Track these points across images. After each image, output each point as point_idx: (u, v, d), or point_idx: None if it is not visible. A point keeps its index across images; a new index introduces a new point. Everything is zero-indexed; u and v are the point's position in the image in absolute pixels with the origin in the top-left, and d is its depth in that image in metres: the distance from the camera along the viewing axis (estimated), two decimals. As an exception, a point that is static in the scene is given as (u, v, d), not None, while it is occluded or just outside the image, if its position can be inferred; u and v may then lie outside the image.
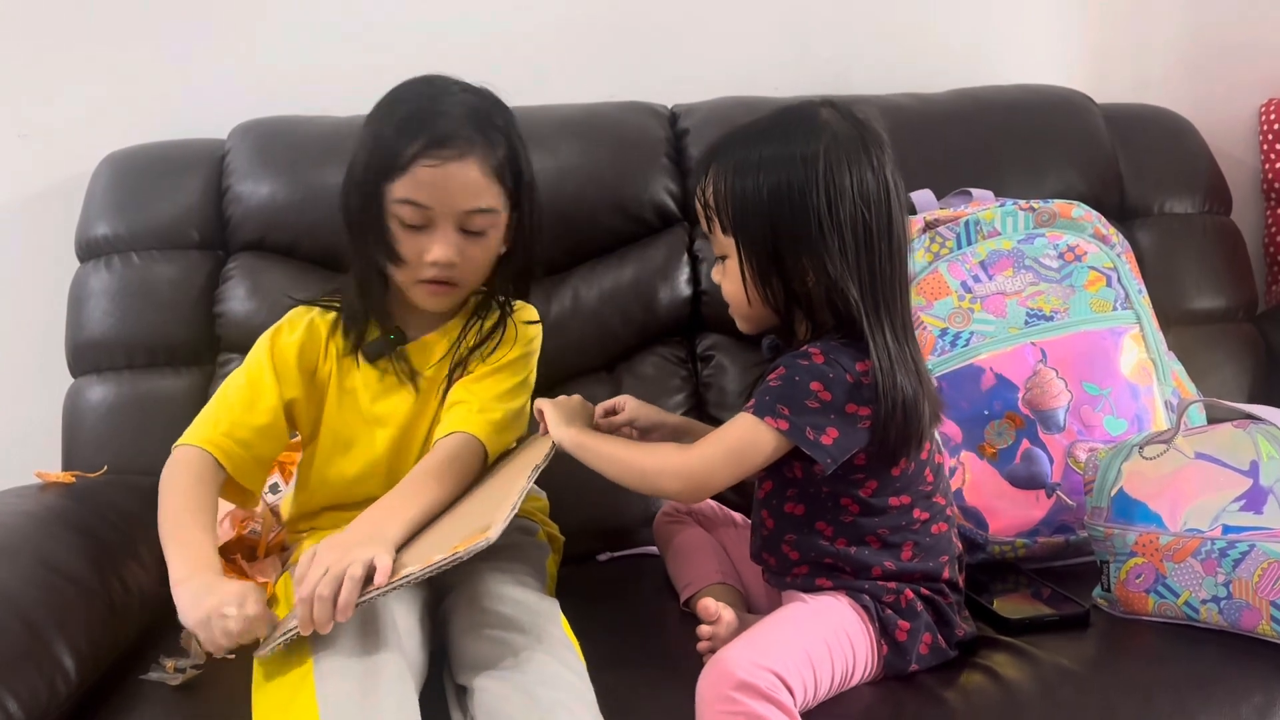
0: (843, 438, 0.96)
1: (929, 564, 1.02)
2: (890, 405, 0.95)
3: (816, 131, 0.98)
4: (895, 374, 0.96)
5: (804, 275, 0.98)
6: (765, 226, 0.98)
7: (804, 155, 0.97)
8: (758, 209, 0.98)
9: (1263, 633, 1.00)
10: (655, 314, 1.50)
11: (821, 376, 0.96)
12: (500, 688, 0.90)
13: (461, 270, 1.10)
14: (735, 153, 1.00)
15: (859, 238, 0.97)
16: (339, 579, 0.87)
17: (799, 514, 1.03)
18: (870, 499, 1.00)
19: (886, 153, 0.99)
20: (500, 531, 0.88)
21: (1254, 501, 1.01)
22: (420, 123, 1.07)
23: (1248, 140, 1.82)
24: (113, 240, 1.46)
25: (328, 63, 1.63)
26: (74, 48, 1.59)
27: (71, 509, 1.18)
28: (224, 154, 1.50)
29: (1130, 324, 1.30)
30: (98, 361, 1.43)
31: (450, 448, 1.07)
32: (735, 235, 1.00)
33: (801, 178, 0.96)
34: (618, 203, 1.51)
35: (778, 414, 0.96)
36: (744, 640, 0.94)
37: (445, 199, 1.07)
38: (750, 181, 0.98)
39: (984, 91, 1.63)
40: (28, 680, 0.91)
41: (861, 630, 0.98)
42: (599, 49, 1.69)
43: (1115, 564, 1.08)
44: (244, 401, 1.12)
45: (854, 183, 0.96)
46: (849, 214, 0.96)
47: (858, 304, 0.96)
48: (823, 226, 0.96)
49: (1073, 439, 1.24)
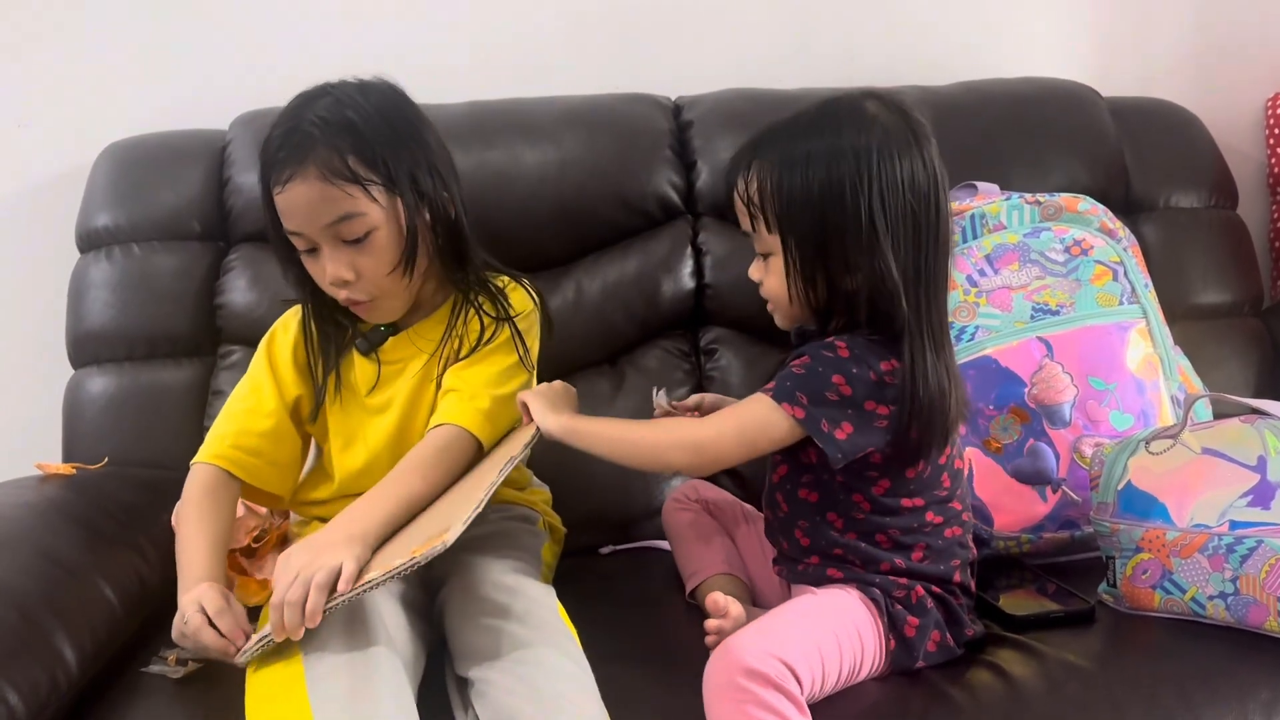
0: (857, 434, 0.95)
1: (940, 566, 1.02)
2: (913, 408, 0.94)
3: (866, 124, 0.95)
4: (924, 377, 0.94)
5: (854, 273, 0.96)
6: (815, 223, 0.95)
7: (855, 148, 0.94)
8: (807, 205, 0.95)
9: (1270, 628, 0.99)
10: (658, 307, 1.49)
11: (844, 371, 0.95)
12: (502, 679, 0.90)
13: (365, 283, 1.06)
14: (780, 147, 0.97)
15: (909, 234, 0.95)
16: (307, 584, 0.87)
17: (812, 501, 1.03)
18: (882, 498, 1.00)
19: (933, 143, 0.97)
20: (458, 535, 0.86)
21: (1262, 497, 1.01)
22: (264, 151, 1.05)
23: (1254, 134, 1.81)
24: (113, 231, 1.45)
25: (329, 53, 1.62)
26: (74, 38, 1.58)
27: (72, 501, 1.17)
28: (225, 145, 1.49)
29: (1136, 318, 1.29)
30: (98, 353, 1.43)
31: (437, 440, 1.06)
32: (782, 232, 0.97)
33: (854, 172, 0.93)
34: (620, 195, 1.50)
35: (796, 401, 0.95)
36: (754, 628, 0.93)
37: (306, 222, 1.04)
38: (799, 176, 0.95)
39: (989, 84, 1.62)
40: (28, 672, 0.91)
41: (871, 625, 0.97)
42: (602, 40, 1.68)
43: (1121, 559, 1.08)
44: (247, 409, 1.13)
45: (905, 176, 0.94)
46: (901, 209, 0.94)
47: (903, 304, 0.94)
48: (875, 223, 0.93)
49: (1078, 434, 1.23)
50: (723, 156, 1.51)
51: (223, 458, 1.09)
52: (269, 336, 1.17)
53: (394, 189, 1.05)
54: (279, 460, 1.13)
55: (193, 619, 0.95)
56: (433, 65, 1.62)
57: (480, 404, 1.08)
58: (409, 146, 1.07)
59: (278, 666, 0.90)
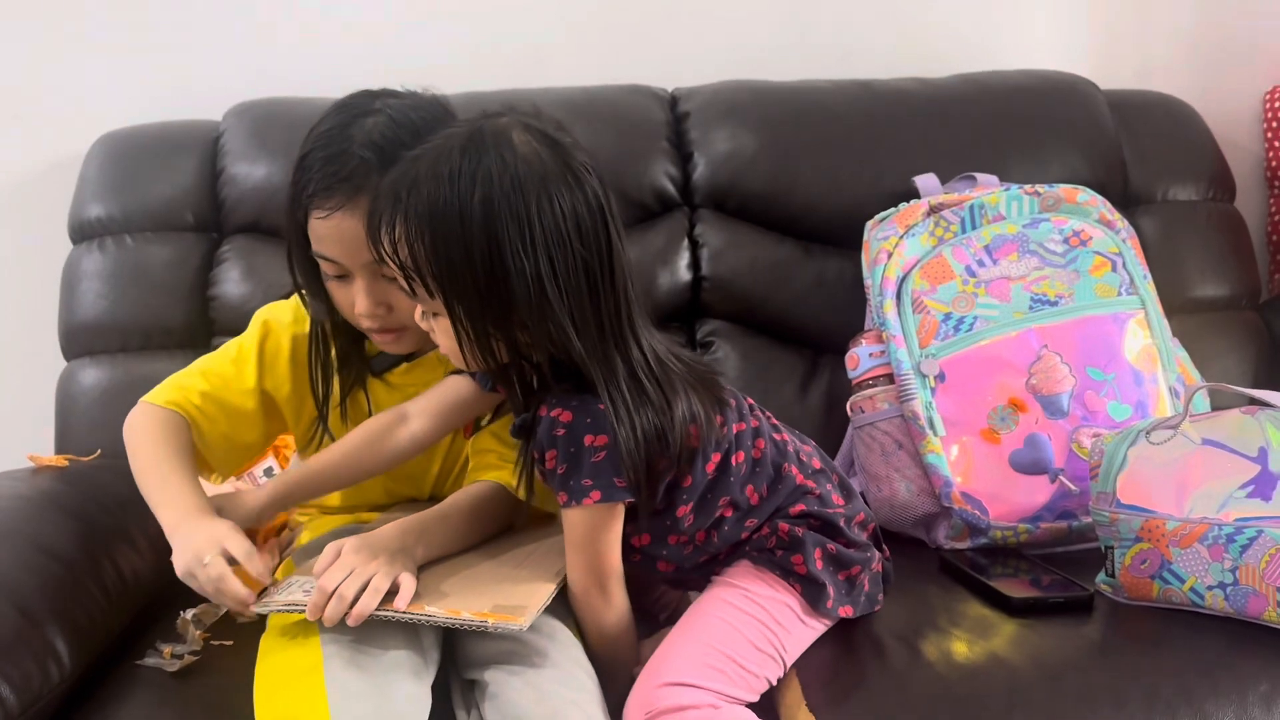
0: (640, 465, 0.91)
1: (780, 495, 0.98)
2: (630, 446, 0.88)
3: (518, 163, 0.86)
4: (631, 428, 0.88)
5: (529, 332, 0.88)
6: (479, 289, 0.86)
7: (508, 196, 0.84)
8: (467, 270, 0.85)
9: (1269, 619, 0.99)
10: (655, 299, 1.48)
11: (586, 430, 0.89)
12: (513, 681, 0.89)
13: (399, 316, 1.01)
14: (426, 198, 0.86)
15: (582, 285, 0.87)
16: (365, 582, 0.87)
17: (689, 540, 0.98)
18: (691, 485, 0.95)
19: (592, 171, 0.89)
20: (533, 620, 0.88)
21: (1262, 488, 1.01)
22: (311, 164, 0.97)
23: (1252, 127, 1.81)
24: (106, 222, 1.44)
25: (324, 43, 1.61)
26: (67, 27, 1.57)
27: (65, 492, 1.16)
28: (219, 135, 1.48)
29: (1135, 309, 1.29)
30: (91, 344, 1.42)
31: (486, 492, 1.05)
32: (445, 298, 0.88)
33: (514, 227, 0.84)
34: (617, 187, 1.43)
35: (585, 491, 0.89)
36: (642, 674, 0.92)
37: (345, 252, 0.98)
38: (454, 238, 0.85)
39: (988, 76, 1.62)
40: (20, 665, 0.90)
41: (762, 583, 0.97)
42: (598, 31, 1.67)
43: (1120, 549, 1.08)
44: (224, 378, 1.07)
45: (568, 222, 0.86)
46: (570, 262, 0.86)
47: (580, 352, 0.88)
48: (544, 283, 0.85)
49: (1076, 424, 1.23)
50: (720, 148, 1.51)
51: (186, 409, 1.04)
52: (265, 325, 1.11)
53: None
54: (234, 438, 1.08)
55: (215, 563, 0.89)
56: (428, 56, 1.61)
57: None
58: None
59: (293, 652, 0.89)
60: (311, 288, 1.05)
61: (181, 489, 0.98)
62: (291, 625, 0.91)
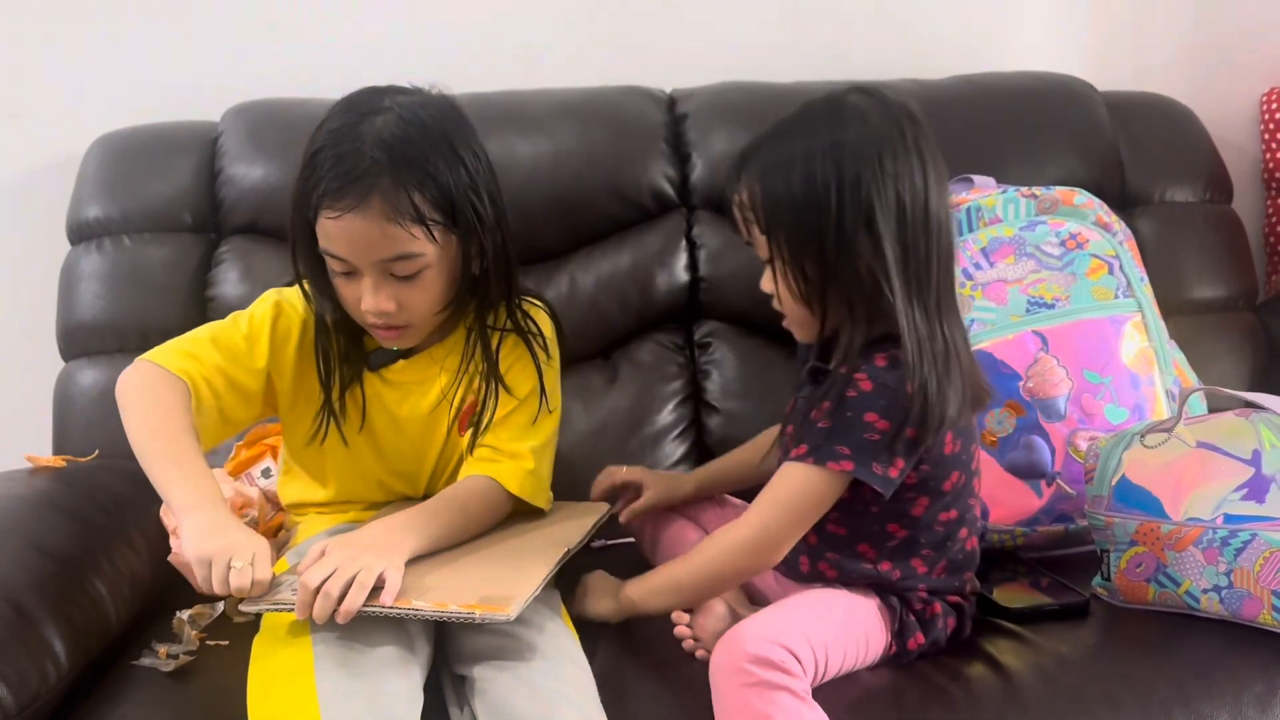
0: (907, 466, 0.94)
1: (955, 581, 1.02)
2: (925, 407, 0.92)
3: (842, 120, 0.95)
4: (921, 363, 0.92)
5: (844, 272, 0.94)
6: (795, 220, 0.94)
7: (831, 146, 0.93)
8: (790, 209, 0.94)
9: (1264, 622, 0.99)
10: (653, 300, 1.49)
11: (874, 405, 0.92)
12: (503, 677, 0.90)
13: (406, 313, 1.02)
14: (763, 154, 0.97)
15: (895, 227, 0.93)
16: (348, 582, 0.87)
17: (841, 534, 1.00)
18: (921, 516, 0.98)
19: (921, 131, 0.96)
20: (520, 610, 0.88)
21: (1256, 490, 1.01)
22: (321, 163, 0.97)
23: (1249, 129, 1.81)
24: (104, 223, 1.44)
25: (322, 44, 1.61)
26: (65, 28, 1.57)
27: (62, 493, 1.17)
28: (217, 136, 1.49)
29: (1132, 312, 1.29)
30: (89, 345, 1.42)
31: (477, 486, 1.06)
32: (769, 234, 0.97)
33: (831, 171, 0.92)
34: (615, 188, 1.49)
35: (839, 456, 0.92)
36: (762, 616, 0.93)
37: (356, 251, 0.98)
38: (780, 181, 0.95)
39: (985, 78, 1.62)
40: (17, 664, 0.90)
41: (880, 632, 0.98)
42: (597, 32, 1.67)
43: (1115, 553, 1.08)
44: (235, 354, 1.05)
45: (885, 169, 0.92)
46: (884, 203, 0.92)
47: (892, 292, 0.92)
48: (861, 216, 0.92)
49: (1073, 427, 1.23)
50: (718, 150, 1.51)
51: (195, 380, 1.01)
52: (277, 306, 1.09)
53: (456, 229, 1.01)
54: (228, 415, 1.05)
55: (246, 571, 0.88)
56: (426, 57, 1.61)
57: (524, 464, 1.08)
58: (471, 176, 1.01)
59: (285, 652, 0.89)
60: (315, 282, 1.05)
61: (201, 473, 0.96)
62: (284, 626, 0.92)
